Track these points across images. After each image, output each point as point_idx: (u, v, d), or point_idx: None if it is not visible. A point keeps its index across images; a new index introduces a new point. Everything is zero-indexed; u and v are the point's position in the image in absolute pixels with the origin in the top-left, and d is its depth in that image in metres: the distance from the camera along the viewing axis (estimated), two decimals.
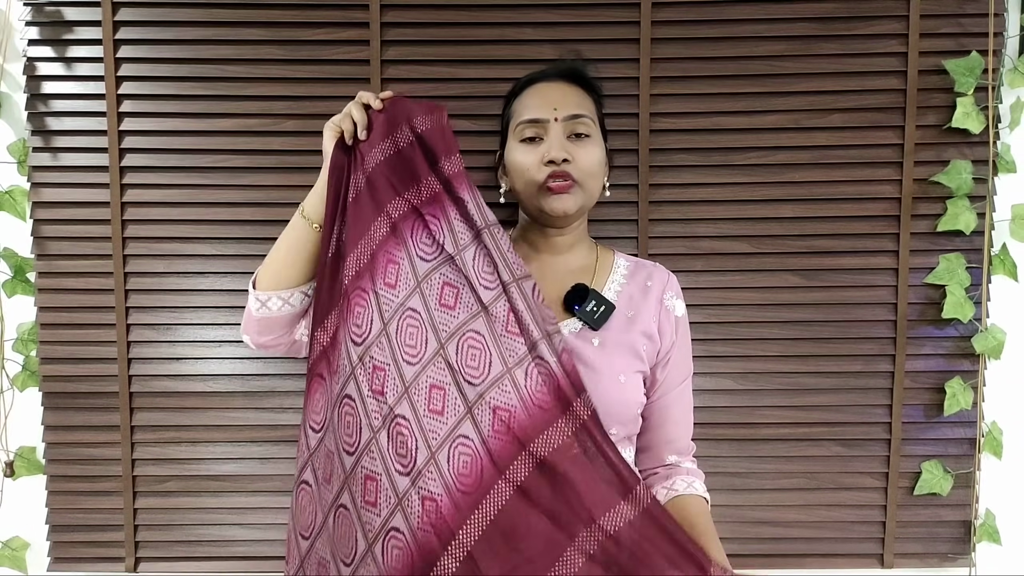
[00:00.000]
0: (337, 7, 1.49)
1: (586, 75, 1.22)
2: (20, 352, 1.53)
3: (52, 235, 1.52)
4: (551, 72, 1.20)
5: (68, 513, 1.55)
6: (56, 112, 1.50)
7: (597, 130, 1.17)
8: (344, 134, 1.11)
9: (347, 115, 1.12)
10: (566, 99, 1.15)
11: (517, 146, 1.16)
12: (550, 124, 1.13)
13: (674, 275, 1.23)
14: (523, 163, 1.14)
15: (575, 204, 1.14)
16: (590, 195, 1.16)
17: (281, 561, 1.55)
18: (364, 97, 1.12)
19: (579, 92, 1.18)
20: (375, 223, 1.09)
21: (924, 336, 1.53)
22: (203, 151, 1.51)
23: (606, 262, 1.23)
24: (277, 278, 1.15)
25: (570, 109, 1.14)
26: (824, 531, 1.55)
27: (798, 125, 1.50)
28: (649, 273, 1.21)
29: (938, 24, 1.48)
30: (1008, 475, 1.56)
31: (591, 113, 1.17)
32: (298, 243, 1.14)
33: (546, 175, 1.12)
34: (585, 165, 1.13)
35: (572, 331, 1.13)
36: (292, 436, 1.54)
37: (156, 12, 1.49)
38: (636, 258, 1.26)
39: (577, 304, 1.13)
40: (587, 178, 1.14)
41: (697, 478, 1.18)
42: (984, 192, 1.49)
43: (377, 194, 1.09)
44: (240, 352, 1.53)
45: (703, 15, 1.49)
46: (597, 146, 1.16)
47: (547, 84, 1.18)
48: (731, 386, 1.53)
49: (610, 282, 1.19)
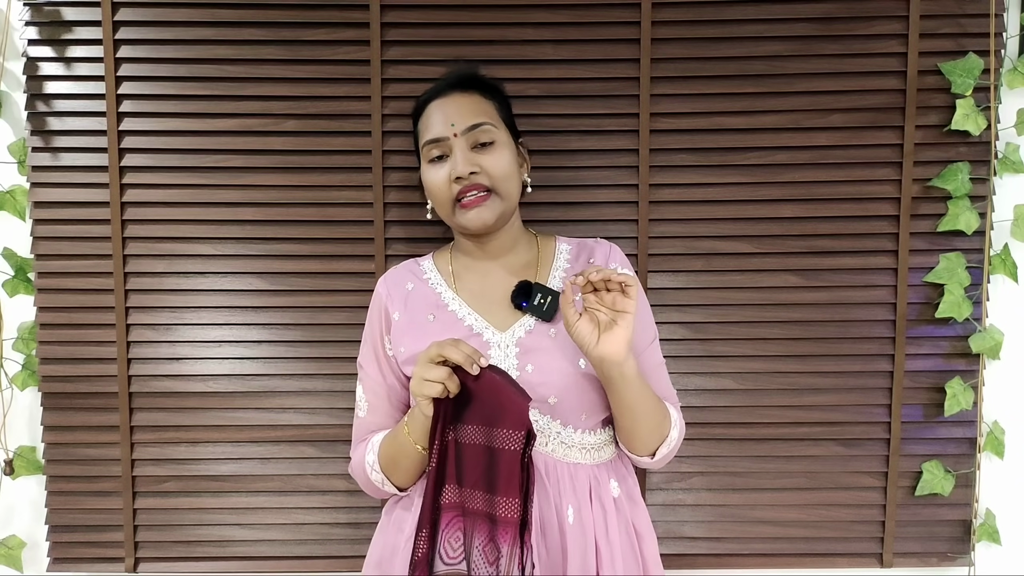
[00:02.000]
0: (337, 7, 1.49)
1: (480, 78, 1.21)
2: (20, 351, 1.53)
3: (52, 235, 1.52)
4: (443, 85, 1.19)
5: (68, 513, 1.55)
6: (56, 112, 1.50)
7: (502, 131, 1.17)
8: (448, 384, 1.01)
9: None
10: (462, 110, 1.14)
11: (427, 167, 1.17)
12: (451, 140, 1.13)
13: (616, 245, 1.24)
14: (433, 183, 1.15)
15: (492, 214, 1.14)
16: (509, 199, 1.16)
17: (281, 561, 1.56)
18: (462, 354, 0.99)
19: (475, 99, 1.17)
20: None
21: (924, 336, 1.53)
22: (203, 151, 1.51)
23: (547, 251, 1.23)
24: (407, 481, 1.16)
25: (467, 120, 1.13)
26: (824, 531, 1.55)
27: (798, 125, 1.50)
28: (591, 250, 1.22)
29: (938, 24, 1.48)
30: (1008, 475, 1.56)
31: (491, 118, 1.16)
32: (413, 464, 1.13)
33: (457, 191, 1.13)
34: (495, 171, 1.13)
35: (528, 329, 1.13)
36: (292, 436, 1.54)
37: (156, 12, 1.48)
38: (578, 239, 1.26)
39: (524, 301, 1.14)
40: (500, 183, 1.13)
41: (675, 408, 1.19)
42: (986, 192, 1.49)
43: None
44: (240, 352, 1.53)
45: (703, 15, 1.49)
46: (504, 148, 1.15)
47: (442, 100, 1.17)
48: (731, 386, 1.53)
49: (554, 270, 1.20)
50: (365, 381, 1.24)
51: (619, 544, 1.12)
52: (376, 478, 1.17)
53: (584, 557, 1.09)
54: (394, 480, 1.16)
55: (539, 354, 1.11)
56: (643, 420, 1.10)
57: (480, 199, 1.13)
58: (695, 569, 1.55)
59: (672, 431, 1.15)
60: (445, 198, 1.14)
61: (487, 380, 0.98)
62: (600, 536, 1.11)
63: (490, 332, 1.14)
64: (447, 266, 1.24)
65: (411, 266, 1.26)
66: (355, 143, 1.51)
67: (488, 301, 1.18)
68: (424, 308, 1.19)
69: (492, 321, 1.15)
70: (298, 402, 1.53)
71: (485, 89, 1.20)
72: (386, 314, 1.21)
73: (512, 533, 0.97)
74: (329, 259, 1.52)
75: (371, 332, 1.24)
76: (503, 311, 1.16)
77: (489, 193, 1.13)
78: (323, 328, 1.53)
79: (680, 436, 1.18)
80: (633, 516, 1.16)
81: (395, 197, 1.52)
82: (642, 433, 1.12)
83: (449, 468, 1.02)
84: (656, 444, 1.14)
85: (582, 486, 1.12)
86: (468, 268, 1.23)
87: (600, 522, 1.11)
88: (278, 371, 1.53)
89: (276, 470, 1.54)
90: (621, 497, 1.15)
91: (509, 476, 0.98)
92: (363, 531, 1.54)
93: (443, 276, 1.23)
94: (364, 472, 1.19)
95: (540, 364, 1.11)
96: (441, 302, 1.19)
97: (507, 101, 1.23)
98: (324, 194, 1.51)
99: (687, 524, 1.55)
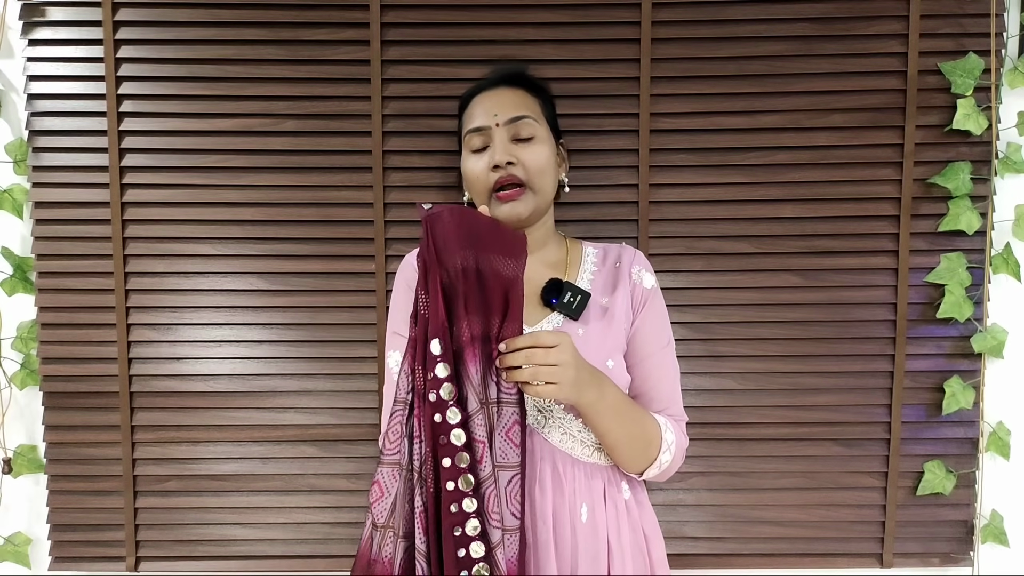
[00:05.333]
0: (337, 7, 1.49)
1: (527, 76, 1.24)
2: (19, 351, 1.54)
3: (52, 235, 1.52)
4: (491, 79, 1.23)
5: (69, 512, 1.55)
6: (56, 112, 1.50)
7: (544, 128, 1.19)
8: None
9: None
10: (505, 103, 1.17)
11: (468, 156, 1.19)
12: (492, 130, 1.16)
13: (640, 251, 1.26)
14: (472, 171, 1.17)
15: (526, 209, 1.15)
16: (543, 195, 1.17)
17: (282, 560, 1.56)
18: None
19: (521, 94, 1.20)
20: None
21: (924, 336, 1.53)
22: (203, 151, 1.51)
23: (576, 254, 1.25)
24: None
25: (510, 112, 1.16)
26: (824, 531, 1.55)
27: (798, 125, 1.50)
28: (618, 255, 1.24)
29: (938, 24, 1.48)
30: (1011, 475, 1.56)
31: (534, 113, 1.18)
32: None
33: (495, 180, 1.14)
34: (532, 165, 1.14)
35: (556, 326, 1.14)
36: (293, 436, 1.54)
37: (156, 12, 1.48)
38: (604, 243, 1.28)
39: (554, 298, 1.15)
40: (536, 177, 1.15)
41: (675, 426, 1.17)
42: (986, 192, 1.49)
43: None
44: (240, 352, 1.53)
45: (703, 15, 1.49)
46: (544, 144, 1.17)
47: (488, 92, 1.20)
48: (731, 386, 1.53)
49: (582, 271, 1.21)
50: (399, 346, 1.16)
51: (630, 545, 1.13)
52: None
53: (596, 556, 1.09)
54: None
55: None
56: (620, 447, 1.11)
57: (516, 193, 1.14)
58: (696, 569, 1.55)
59: (662, 456, 1.14)
60: (482, 187, 1.16)
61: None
62: (612, 536, 1.12)
63: None
64: None
65: None
66: (355, 143, 1.51)
67: None
68: None
69: None
70: (299, 402, 1.54)
71: (531, 87, 1.23)
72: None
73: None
74: (329, 259, 1.53)
75: (399, 301, 1.20)
76: (531, 306, 1.16)
77: (524, 188, 1.15)
78: (323, 328, 1.53)
79: (678, 456, 1.18)
80: (642, 519, 1.17)
81: (395, 197, 1.52)
82: (621, 458, 1.13)
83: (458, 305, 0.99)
84: (642, 467, 1.14)
85: (597, 487, 1.12)
86: None
87: (613, 522, 1.12)
88: (279, 371, 1.53)
89: (277, 470, 1.54)
90: (631, 500, 1.16)
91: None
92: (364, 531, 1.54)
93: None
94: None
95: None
96: None
97: (552, 101, 1.26)
98: (324, 194, 1.51)
99: (688, 524, 1.55)
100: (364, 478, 1.53)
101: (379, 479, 1.01)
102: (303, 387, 1.54)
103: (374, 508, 1.01)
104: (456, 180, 1.49)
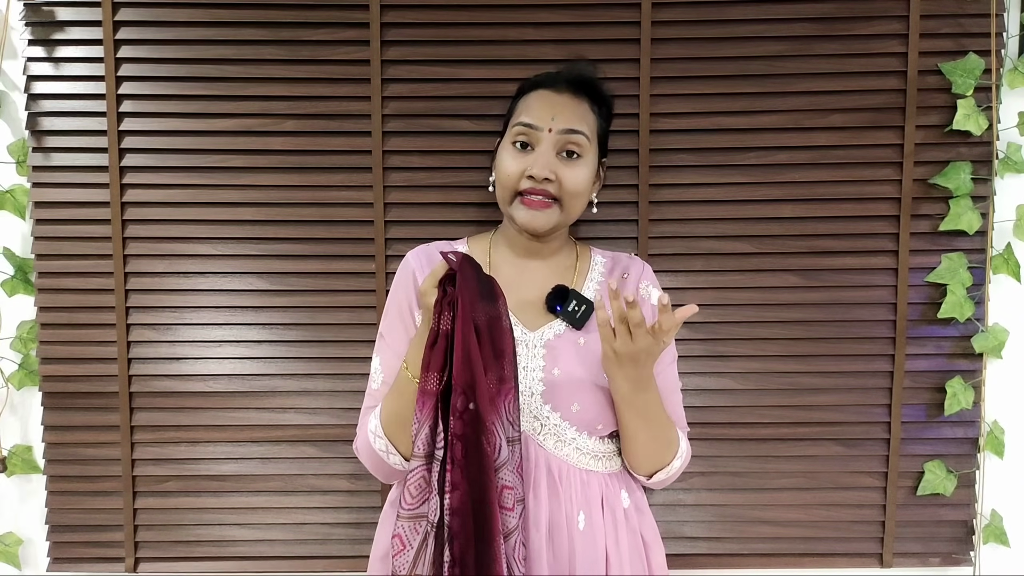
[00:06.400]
0: (337, 7, 1.49)
1: (598, 88, 1.19)
2: (19, 351, 1.54)
3: (52, 235, 1.52)
4: (562, 78, 1.17)
5: (68, 513, 1.55)
6: (56, 112, 1.50)
7: (592, 148, 1.15)
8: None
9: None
10: (566, 111, 1.12)
11: (508, 147, 1.15)
12: (543, 134, 1.11)
13: (648, 265, 1.25)
14: (507, 168, 1.13)
15: (548, 223, 1.13)
16: (569, 214, 1.15)
17: (281, 561, 1.56)
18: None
19: (583, 106, 1.15)
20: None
21: (924, 336, 1.53)
22: (203, 151, 1.51)
23: (585, 261, 1.23)
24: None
25: (567, 123, 1.12)
26: (823, 531, 1.55)
27: (798, 125, 1.50)
28: (626, 266, 1.23)
29: (938, 24, 1.48)
30: (1011, 475, 1.56)
31: (590, 130, 1.14)
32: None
33: (526, 187, 1.11)
34: (569, 186, 1.11)
35: (557, 333, 1.13)
36: (293, 436, 1.54)
37: (156, 12, 1.48)
38: (612, 253, 1.27)
39: (559, 305, 1.14)
40: (570, 198, 1.13)
41: (684, 438, 1.18)
42: (986, 192, 1.49)
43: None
44: (240, 352, 1.53)
45: (703, 15, 1.49)
46: (587, 167, 1.13)
47: (553, 90, 1.15)
48: (731, 386, 1.53)
49: (589, 280, 1.20)
50: (384, 352, 1.16)
51: (628, 553, 1.13)
52: (380, 446, 1.09)
53: (593, 564, 1.09)
54: (398, 444, 1.08)
55: (567, 360, 1.11)
56: (645, 446, 1.11)
57: (543, 204, 1.11)
58: (695, 569, 1.55)
59: (675, 461, 1.15)
60: (511, 186, 1.13)
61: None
62: (610, 544, 1.11)
63: (519, 329, 1.12)
64: (484, 254, 1.22)
65: (443, 247, 1.20)
66: (355, 143, 1.51)
67: (521, 298, 1.16)
68: None
69: (522, 319, 1.14)
70: (299, 402, 1.53)
71: (596, 100, 1.18)
72: (415, 284, 1.16)
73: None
74: (329, 259, 1.52)
75: (397, 300, 1.18)
76: (534, 310, 1.15)
77: (553, 203, 1.12)
78: (323, 328, 1.53)
79: (683, 465, 1.18)
80: (641, 526, 1.17)
81: (395, 197, 1.52)
82: (639, 457, 1.13)
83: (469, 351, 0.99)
84: (653, 469, 1.14)
85: (594, 494, 1.12)
86: (507, 261, 1.21)
87: (611, 530, 1.12)
88: (278, 371, 1.53)
89: (277, 470, 1.54)
90: (631, 508, 1.16)
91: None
92: (364, 531, 1.54)
93: (479, 262, 1.20)
94: (368, 444, 1.11)
95: (567, 370, 1.10)
96: None
97: (611, 118, 1.23)
98: (324, 194, 1.51)
99: (687, 524, 1.55)
100: (364, 478, 1.53)
101: (400, 532, 0.99)
102: (303, 387, 1.54)
103: (395, 560, 0.99)
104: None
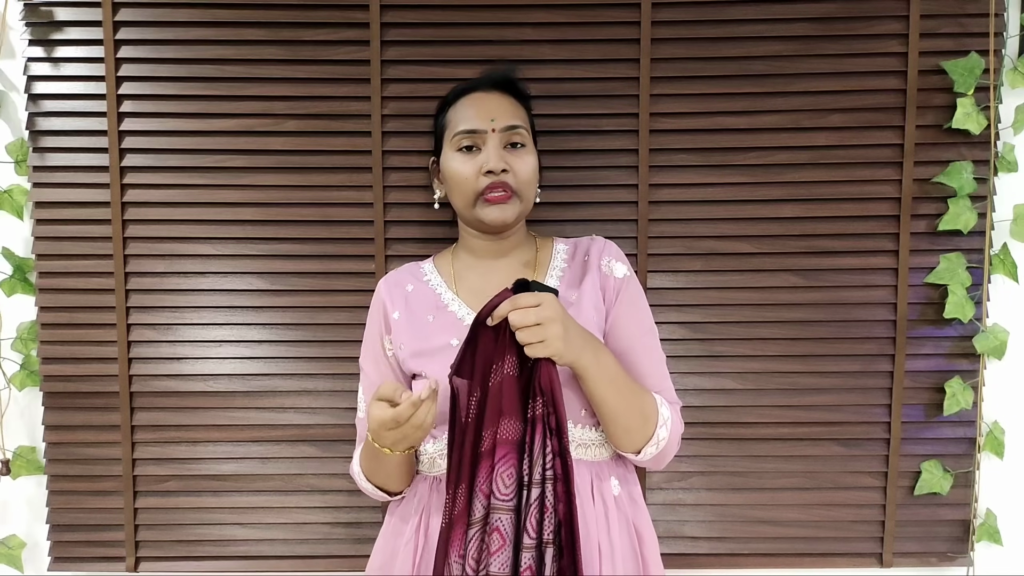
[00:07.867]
0: (337, 7, 1.49)
1: (519, 85, 1.25)
2: (19, 351, 1.54)
3: (52, 235, 1.52)
4: (486, 81, 1.22)
5: (69, 513, 1.55)
6: (56, 112, 1.50)
7: (531, 139, 1.20)
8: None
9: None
10: (502, 110, 1.17)
11: (454, 155, 1.17)
12: (487, 135, 1.15)
13: (611, 242, 1.25)
14: (461, 173, 1.16)
15: (513, 214, 1.17)
16: (527, 203, 1.20)
17: (281, 561, 1.56)
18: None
19: (513, 102, 1.20)
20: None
21: (924, 336, 1.53)
22: (203, 151, 1.51)
23: (545, 252, 1.25)
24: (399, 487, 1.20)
25: (506, 120, 1.16)
26: (823, 530, 1.55)
27: (798, 125, 1.50)
28: (586, 248, 1.24)
29: (938, 24, 1.48)
30: (1009, 475, 1.56)
31: (525, 123, 1.19)
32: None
33: (484, 185, 1.14)
34: (522, 175, 1.16)
35: None
36: (293, 436, 1.54)
37: (156, 12, 1.48)
38: (575, 239, 1.28)
39: None
40: (524, 187, 1.17)
41: (670, 405, 1.16)
42: (985, 192, 1.49)
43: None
44: (240, 352, 1.53)
45: (703, 15, 1.49)
46: (532, 155, 1.19)
47: (483, 94, 1.20)
48: (731, 386, 1.53)
49: (551, 269, 1.22)
50: (365, 383, 1.25)
51: (620, 544, 1.12)
52: (368, 488, 1.20)
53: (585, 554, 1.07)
54: (381, 485, 1.18)
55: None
56: (618, 419, 1.10)
57: (504, 198, 1.15)
58: (695, 569, 1.55)
59: (659, 430, 1.12)
60: (470, 189, 1.16)
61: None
62: (602, 535, 1.11)
63: None
64: (448, 267, 1.26)
65: (411, 269, 1.28)
66: (355, 143, 1.51)
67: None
68: (424, 309, 1.20)
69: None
70: (298, 402, 1.54)
71: (520, 96, 1.24)
72: (386, 314, 1.22)
73: (509, 451, 1.01)
74: (329, 259, 1.53)
75: (371, 333, 1.25)
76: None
77: (512, 194, 1.16)
78: (323, 328, 1.53)
79: (674, 436, 1.15)
80: (634, 517, 1.16)
81: (395, 197, 1.52)
82: (618, 431, 1.11)
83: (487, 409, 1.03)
84: (640, 443, 1.12)
85: (584, 482, 1.12)
86: (470, 267, 1.24)
87: (602, 520, 1.11)
88: (278, 371, 1.53)
89: (277, 470, 1.54)
90: (622, 496, 1.15)
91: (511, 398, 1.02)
92: (364, 531, 1.54)
93: (443, 277, 1.24)
94: (358, 480, 1.22)
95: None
96: (441, 303, 1.20)
97: (532, 112, 1.27)
98: (324, 194, 1.51)
99: (687, 524, 1.55)
100: None
101: (498, 526, 1.01)
102: (303, 387, 1.54)
103: (492, 559, 1.00)
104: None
